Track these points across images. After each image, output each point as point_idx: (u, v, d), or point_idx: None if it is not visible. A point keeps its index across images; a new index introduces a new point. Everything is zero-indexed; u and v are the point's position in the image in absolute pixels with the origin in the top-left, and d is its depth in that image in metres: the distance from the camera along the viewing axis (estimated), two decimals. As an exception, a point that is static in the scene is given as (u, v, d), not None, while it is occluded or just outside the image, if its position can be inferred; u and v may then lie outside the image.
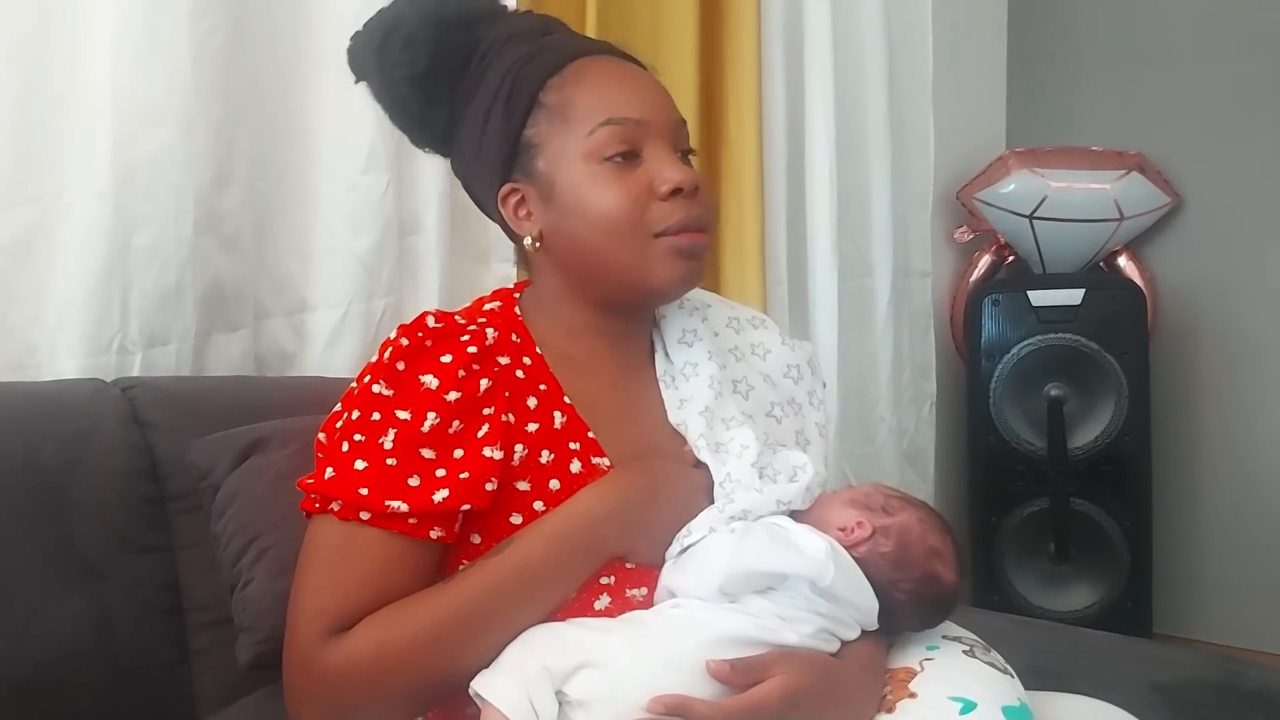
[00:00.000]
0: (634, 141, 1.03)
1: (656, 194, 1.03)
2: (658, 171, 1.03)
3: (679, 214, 1.03)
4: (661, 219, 1.03)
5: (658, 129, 1.05)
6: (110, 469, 1.22)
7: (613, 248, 1.03)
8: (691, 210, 1.03)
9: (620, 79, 1.08)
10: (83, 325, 1.44)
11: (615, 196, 1.02)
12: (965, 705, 0.95)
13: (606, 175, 1.03)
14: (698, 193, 1.04)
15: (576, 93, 1.05)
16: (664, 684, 0.88)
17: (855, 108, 2.54)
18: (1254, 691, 1.34)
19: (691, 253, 1.04)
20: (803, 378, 1.19)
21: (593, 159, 1.03)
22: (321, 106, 1.67)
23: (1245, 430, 2.97)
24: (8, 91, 1.39)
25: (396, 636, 0.91)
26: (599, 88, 1.05)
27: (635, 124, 1.03)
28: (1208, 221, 2.98)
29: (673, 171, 1.03)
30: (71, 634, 1.13)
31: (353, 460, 0.95)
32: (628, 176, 1.03)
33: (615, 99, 1.04)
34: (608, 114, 1.03)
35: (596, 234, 1.04)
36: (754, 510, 1.01)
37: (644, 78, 1.10)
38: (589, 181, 1.03)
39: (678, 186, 1.02)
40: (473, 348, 1.00)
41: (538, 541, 0.96)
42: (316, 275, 1.70)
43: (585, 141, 1.03)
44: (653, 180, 1.03)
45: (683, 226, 1.03)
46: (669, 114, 1.07)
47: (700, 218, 1.04)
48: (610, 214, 1.02)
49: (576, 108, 1.04)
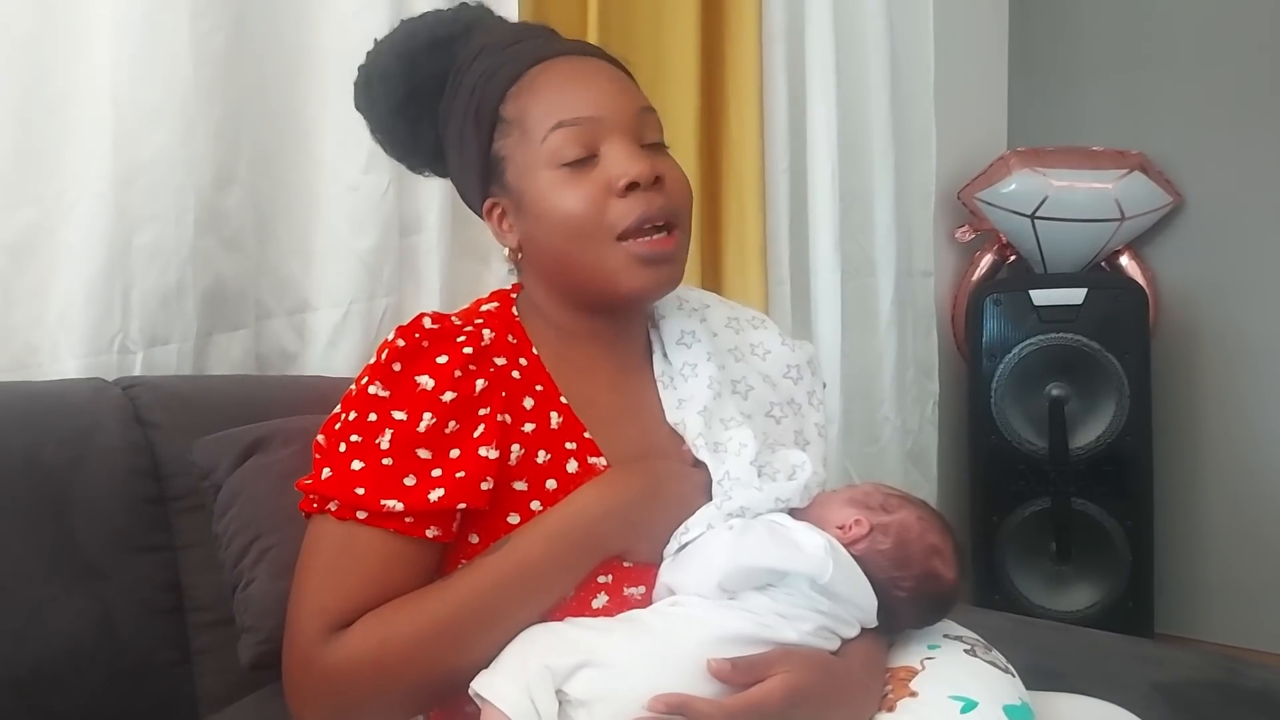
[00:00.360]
0: (589, 141, 1.01)
1: (614, 191, 1.00)
2: (613, 167, 1.01)
3: (638, 209, 1.00)
4: (621, 217, 1.00)
5: (613, 123, 1.02)
6: (112, 468, 1.22)
7: (577, 253, 1.03)
8: (653, 204, 1.01)
9: (572, 78, 1.05)
10: (84, 325, 1.44)
11: (573, 200, 1.01)
12: (966, 704, 0.95)
13: (564, 180, 1.01)
14: (660, 183, 1.02)
15: (530, 101, 1.04)
16: (665, 683, 0.88)
17: (857, 108, 2.54)
18: (1255, 691, 1.34)
19: (655, 259, 1.01)
20: (802, 378, 1.19)
21: (551, 165, 1.02)
22: (322, 106, 1.67)
23: (1247, 430, 2.97)
24: (9, 92, 1.39)
25: (396, 634, 0.92)
26: (550, 92, 1.04)
27: (587, 121, 1.01)
28: (1209, 221, 2.98)
29: (628, 164, 1.00)
30: (73, 633, 1.13)
31: (350, 460, 0.95)
32: (585, 178, 1.01)
33: (565, 100, 1.02)
34: (558, 116, 1.02)
35: (561, 240, 1.03)
36: (752, 507, 1.01)
37: (598, 73, 1.06)
38: (549, 188, 1.02)
39: (633, 180, 1.00)
40: (469, 349, 1.00)
41: (536, 540, 0.96)
42: (318, 275, 1.70)
43: (541, 149, 1.02)
44: (610, 177, 1.01)
45: (642, 221, 1.00)
46: (626, 105, 1.04)
47: (664, 209, 1.01)
48: (570, 218, 1.01)
49: (531, 116, 1.03)
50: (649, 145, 1.04)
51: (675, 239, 1.03)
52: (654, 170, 1.01)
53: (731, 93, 2.26)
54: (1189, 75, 2.99)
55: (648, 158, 1.02)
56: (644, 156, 1.02)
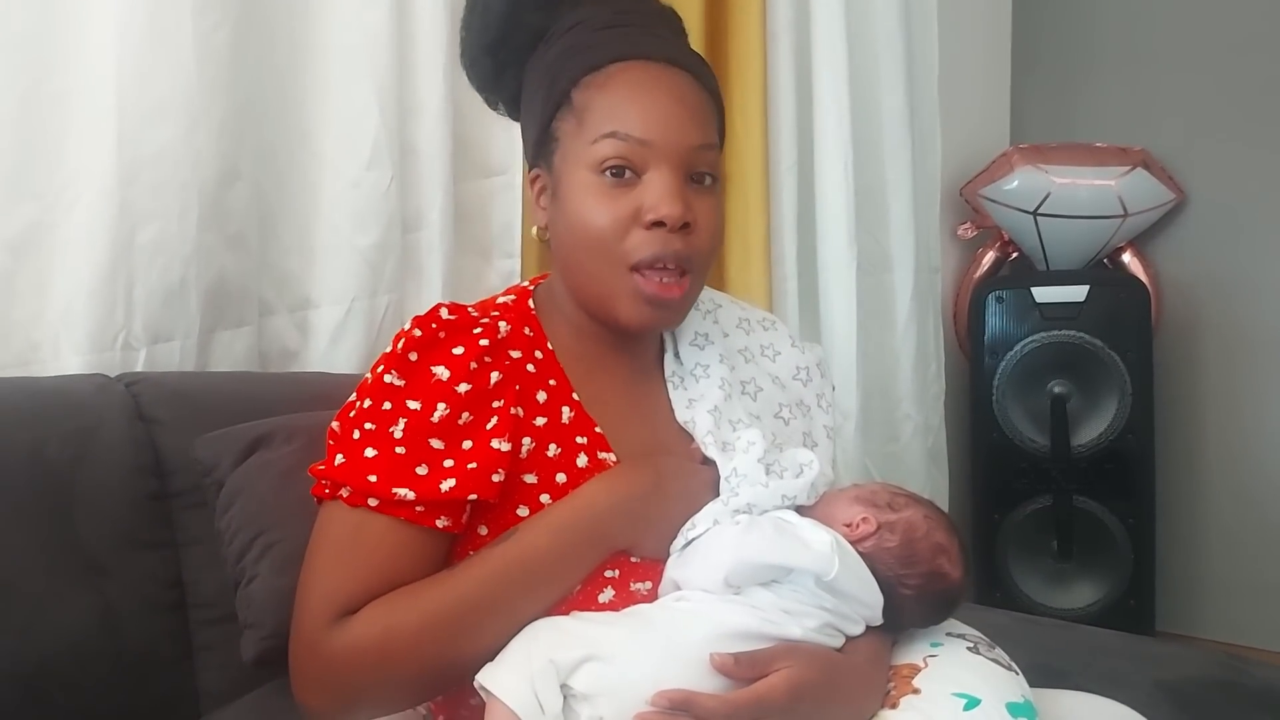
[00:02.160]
0: (635, 160, 1.00)
1: (641, 221, 0.99)
2: (649, 197, 0.99)
3: (654, 247, 0.99)
4: (637, 248, 0.99)
5: (664, 151, 1.00)
6: (114, 465, 1.22)
7: (589, 265, 1.02)
8: (670, 246, 0.99)
9: (643, 91, 1.02)
10: (87, 321, 1.44)
11: (600, 213, 1.00)
12: (969, 701, 0.95)
13: (600, 189, 1.00)
14: (688, 229, 1.00)
15: (597, 96, 1.02)
16: (668, 677, 0.88)
17: (866, 103, 2.53)
18: (1257, 689, 1.34)
19: (658, 303, 1.01)
20: (812, 380, 1.19)
21: (593, 168, 1.00)
22: (325, 103, 1.67)
23: (1249, 428, 2.97)
24: (12, 88, 1.39)
25: (401, 622, 0.92)
26: (618, 96, 1.01)
27: (638, 142, 0.99)
28: (1212, 218, 2.97)
29: (662, 202, 0.98)
30: (76, 630, 1.13)
31: (363, 448, 0.95)
32: (620, 196, 1.00)
33: (628, 112, 1.00)
34: (614, 126, 1.00)
35: (579, 246, 1.03)
36: (759, 504, 1.01)
37: (672, 92, 1.02)
38: (583, 190, 1.01)
39: (660, 220, 0.98)
40: (485, 340, 1.00)
41: (543, 532, 0.96)
42: (320, 272, 1.70)
43: (590, 149, 1.01)
44: (642, 205, 0.99)
45: (655, 260, 0.99)
46: (683, 137, 1.01)
47: (680, 255, 0.99)
48: (591, 230, 1.00)
49: (592, 112, 1.01)
50: (697, 180, 1.02)
51: (685, 286, 1.01)
52: (684, 216, 0.99)
53: (735, 89, 2.25)
54: (1192, 72, 2.99)
55: (684, 198, 1.00)
56: (680, 197, 0.99)
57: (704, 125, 1.04)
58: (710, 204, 1.03)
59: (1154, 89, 3.04)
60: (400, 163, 1.71)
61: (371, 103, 1.67)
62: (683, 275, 1.01)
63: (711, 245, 1.04)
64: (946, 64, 2.73)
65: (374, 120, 1.67)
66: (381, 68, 1.67)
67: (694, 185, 1.02)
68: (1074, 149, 2.95)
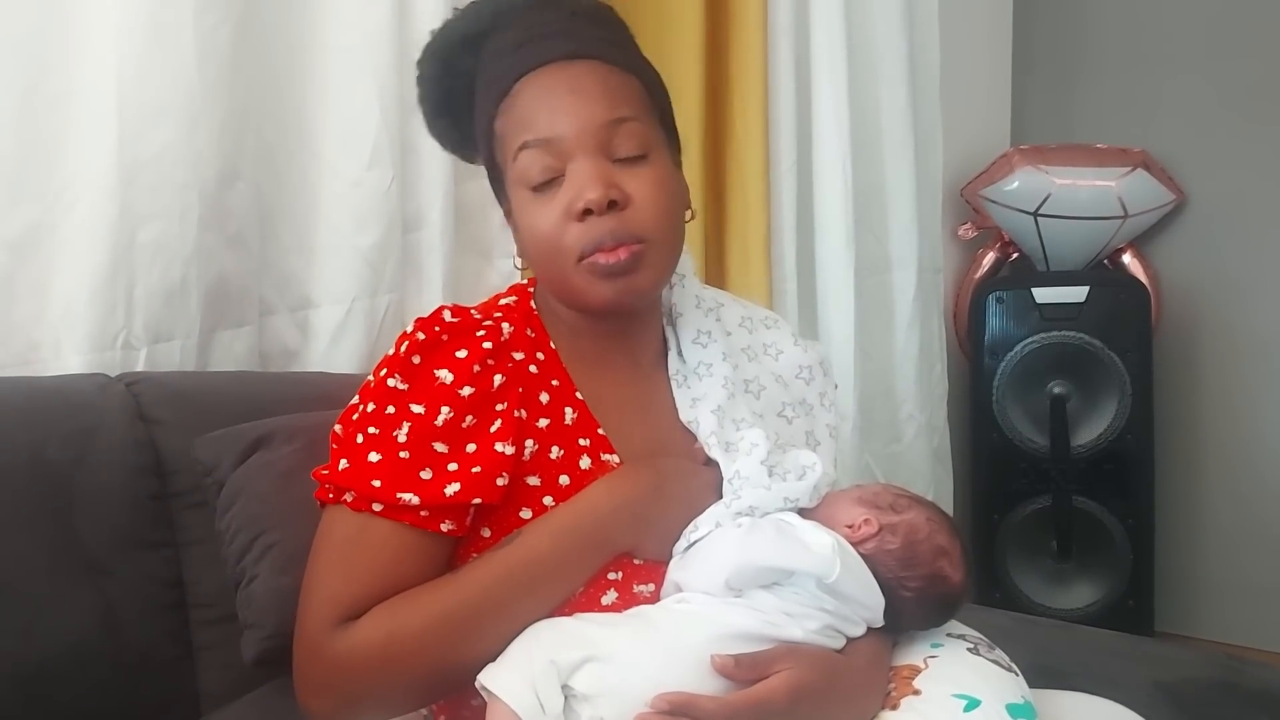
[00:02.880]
0: (552, 161, 0.99)
1: (572, 215, 0.98)
2: (571, 190, 0.99)
3: (593, 235, 0.98)
4: (576, 241, 0.98)
5: (572, 142, 0.99)
6: (115, 465, 1.22)
7: (548, 271, 1.03)
8: (604, 227, 0.98)
9: (543, 94, 1.01)
10: (87, 321, 1.44)
11: (538, 222, 1.00)
12: (970, 702, 0.95)
13: (532, 200, 1.01)
14: (617, 206, 0.98)
15: (508, 120, 1.03)
16: (669, 678, 0.88)
17: (866, 103, 2.52)
18: (1257, 690, 1.34)
19: (612, 271, 0.99)
20: (814, 379, 1.19)
21: (523, 185, 1.01)
22: (325, 103, 1.67)
23: (1249, 428, 2.97)
24: (12, 88, 1.39)
25: (405, 626, 0.92)
26: (521, 110, 1.02)
27: (545, 143, 0.99)
28: (1212, 219, 2.97)
29: (583, 190, 0.97)
30: (76, 630, 1.13)
31: (366, 452, 0.96)
32: (550, 199, 1.00)
33: (532, 119, 1.00)
34: (523, 137, 1.00)
35: (536, 259, 1.04)
36: (761, 506, 1.01)
37: (572, 85, 1.01)
38: (524, 208, 1.02)
39: (586, 207, 0.97)
40: (488, 343, 1.00)
41: (545, 535, 0.96)
42: (320, 272, 1.70)
43: (514, 168, 1.02)
44: (569, 200, 0.99)
45: (595, 246, 0.98)
46: (586, 121, 0.99)
47: (614, 233, 0.98)
48: (538, 239, 1.01)
49: (508, 135, 1.02)
50: (625, 158, 1.00)
51: (631, 249, 0.99)
52: (606, 195, 0.97)
53: (736, 89, 2.25)
54: (1192, 73, 2.99)
55: (604, 179, 0.98)
56: (598, 179, 0.98)
57: (612, 101, 1.01)
58: (645, 176, 1.01)
59: (1154, 90, 3.04)
60: (401, 162, 1.71)
61: (372, 102, 1.67)
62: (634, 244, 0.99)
63: (657, 216, 1.01)
64: (947, 65, 2.72)
65: (374, 120, 1.67)
66: (382, 67, 1.67)
67: (622, 164, 1.00)
68: (1074, 150, 2.96)
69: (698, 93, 2.13)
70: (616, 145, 1.00)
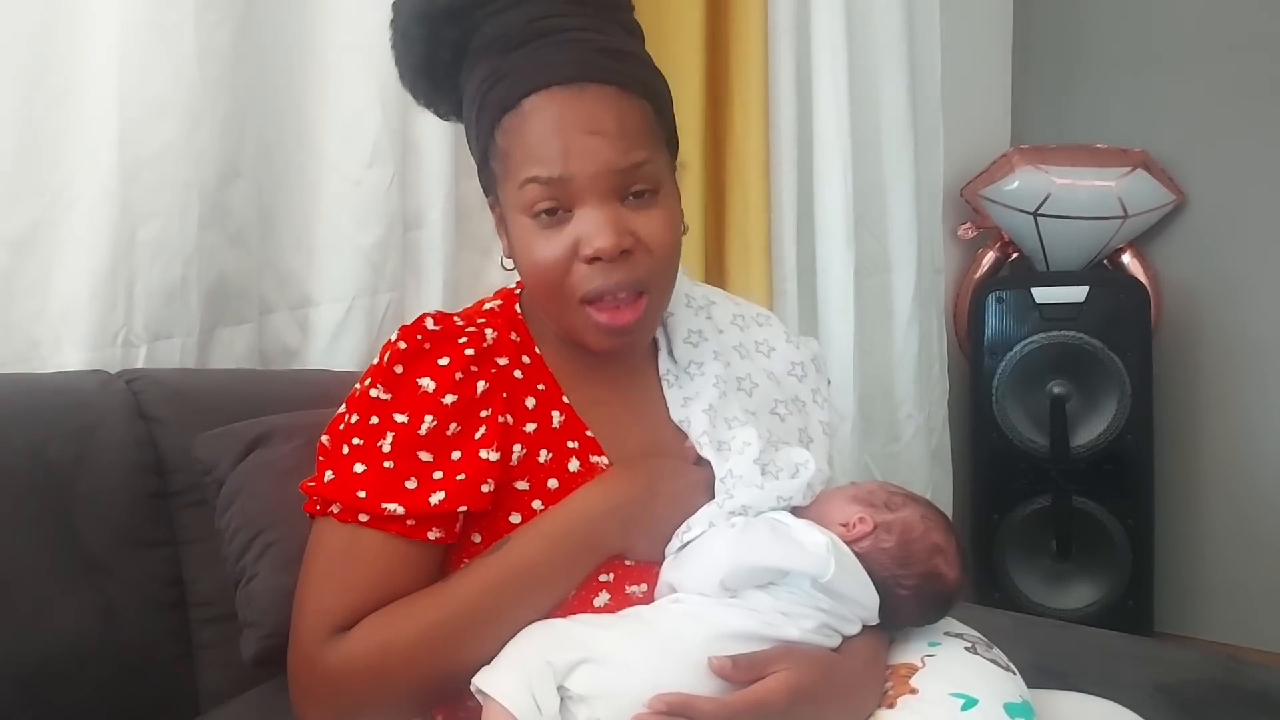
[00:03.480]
0: (562, 197, 0.96)
1: (580, 257, 0.96)
2: (581, 232, 0.96)
3: (597, 281, 0.96)
4: (582, 282, 0.97)
5: (587, 185, 0.95)
6: (115, 463, 1.22)
7: (544, 301, 1.02)
8: (612, 277, 0.96)
9: (555, 127, 0.96)
10: (87, 319, 1.44)
11: (540, 255, 0.97)
12: (967, 701, 0.95)
13: (535, 230, 0.98)
14: (628, 255, 0.96)
15: (515, 142, 0.98)
16: (666, 679, 0.88)
17: (868, 103, 2.52)
18: (1255, 691, 1.34)
19: (617, 331, 0.99)
20: (807, 375, 1.19)
21: (525, 212, 0.98)
22: (326, 101, 1.67)
23: (1248, 429, 2.97)
24: (14, 86, 1.39)
25: (398, 635, 0.92)
26: (532, 138, 0.96)
27: (559, 182, 0.95)
28: (1212, 219, 2.97)
29: (595, 236, 0.95)
30: (76, 628, 1.13)
31: (351, 463, 0.96)
32: (555, 234, 0.97)
33: (544, 153, 0.96)
34: (534, 170, 0.96)
35: (532, 284, 1.03)
36: (754, 506, 1.01)
37: (589, 122, 0.96)
38: (523, 233, 0.99)
39: (595, 255, 0.96)
40: (470, 350, 1.00)
41: (536, 539, 0.96)
42: (321, 270, 1.70)
43: (518, 194, 0.98)
44: (578, 239, 0.96)
45: (601, 295, 0.97)
46: (604, 165, 0.95)
47: (623, 283, 0.97)
48: (538, 271, 0.99)
49: (513, 159, 0.98)
50: (635, 196, 0.98)
51: (640, 306, 0.99)
52: (619, 245, 0.95)
53: (736, 89, 2.25)
54: (1192, 73, 2.98)
55: (617, 226, 0.96)
56: (613, 227, 0.95)
57: (629, 143, 0.97)
58: (653, 216, 0.99)
59: (1154, 90, 3.04)
60: (401, 161, 1.71)
61: (373, 101, 1.67)
62: (637, 297, 0.99)
63: (662, 259, 0.99)
64: (947, 65, 2.72)
65: (375, 118, 1.67)
66: (383, 66, 1.65)
67: (632, 202, 0.98)
68: (1074, 150, 2.95)
69: (698, 91, 2.13)
70: (628, 187, 0.98)
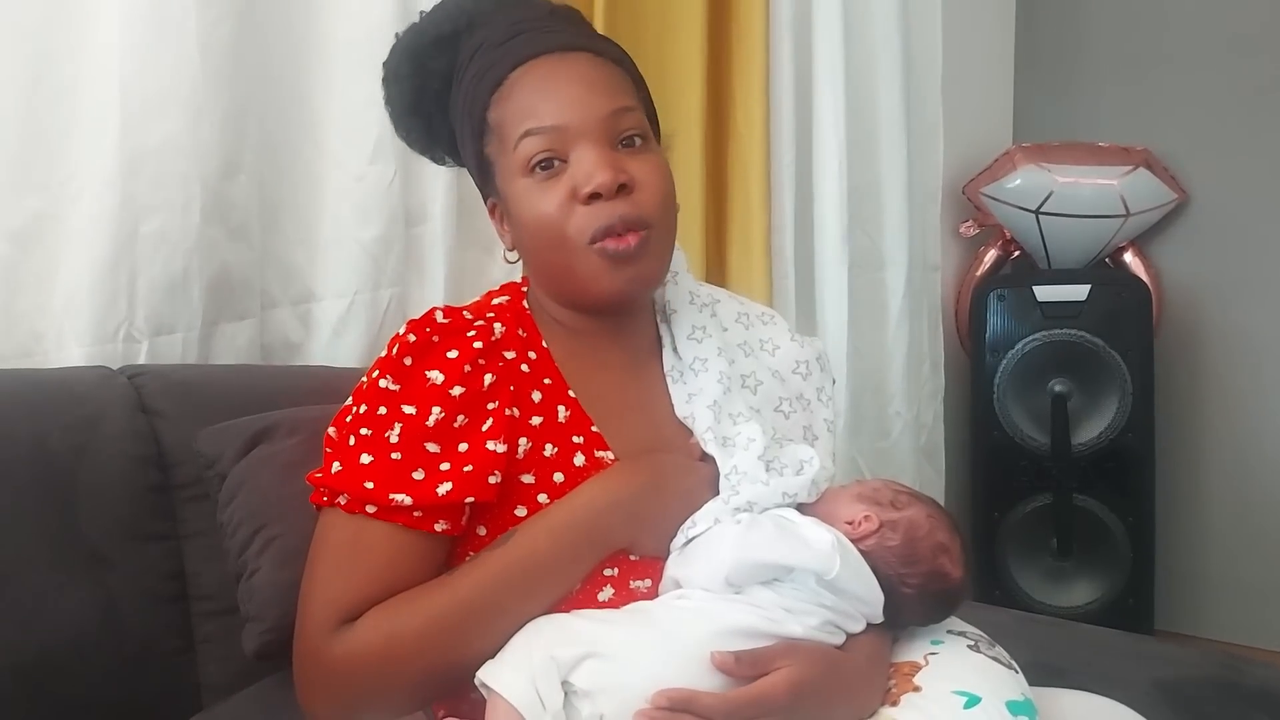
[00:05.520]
0: (557, 147, 1.00)
1: (578, 199, 0.99)
2: (577, 175, 1.00)
3: (601, 218, 0.99)
4: (585, 225, 0.99)
5: (580, 129, 1.00)
6: (116, 457, 1.22)
7: (551, 259, 1.03)
8: (615, 211, 0.99)
9: (544, 83, 1.03)
10: (89, 313, 1.44)
11: (542, 206, 1.01)
12: (969, 699, 0.95)
13: (534, 187, 1.01)
14: (626, 190, 1.00)
15: (506, 108, 1.03)
16: (669, 675, 0.88)
17: (865, 101, 2.53)
18: (1256, 689, 1.34)
19: (623, 257, 1.00)
20: (811, 374, 1.19)
21: (524, 172, 1.02)
22: (329, 96, 1.67)
23: (1249, 427, 2.97)
24: (16, 80, 1.39)
25: (403, 627, 0.92)
26: (522, 98, 1.02)
27: (552, 130, 1.00)
28: (1214, 218, 2.97)
29: (591, 173, 0.99)
30: (77, 621, 1.13)
31: (359, 454, 0.96)
32: (554, 185, 1.00)
33: (534, 108, 1.01)
34: (526, 125, 1.01)
35: (538, 245, 1.04)
36: (759, 502, 1.01)
37: (572, 74, 1.03)
38: (523, 195, 1.02)
39: (595, 191, 0.98)
40: (479, 343, 1.01)
41: (541, 533, 0.96)
42: (323, 265, 1.70)
43: (514, 156, 1.02)
44: (575, 184, 1.00)
45: (607, 230, 0.99)
46: (594, 109, 1.01)
47: (626, 217, 0.99)
48: (540, 224, 1.01)
49: (506, 124, 1.03)
50: (626, 145, 1.02)
51: (640, 235, 1.00)
52: (615, 179, 0.99)
53: (738, 85, 2.25)
54: (1195, 72, 2.98)
55: (613, 164, 1.00)
56: (608, 164, 0.99)
57: (613, 92, 1.04)
58: (646, 161, 1.03)
59: (1157, 89, 3.04)
60: (404, 157, 1.71)
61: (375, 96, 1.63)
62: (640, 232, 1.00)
63: (659, 201, 1.03)
64: (950, 62, 2.72)
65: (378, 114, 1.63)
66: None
67: (624, 149, 1.02)
68: (1076, 148, 2.95)
69: (699, 88, 2.13)
70: (619, 132, 1.02)
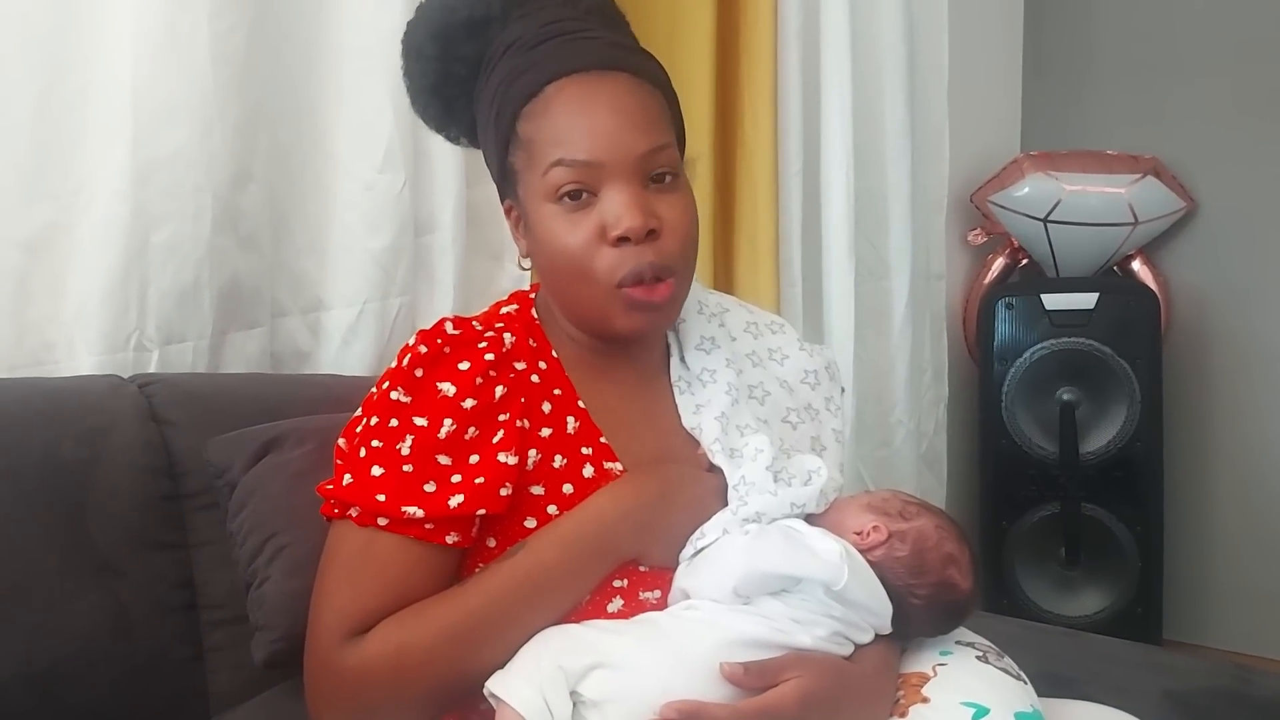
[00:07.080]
0: (588, 180, 0.98)
1: (607, 239, 0.98)
2: (608, 215, 0.98)
3: (629, 264, 0.98)
4: (612, 268, 0.98)
5: (613, 168, 0.98)
6: (127, 466, 1.22)
7: (573, 288, 1.02)
8: (643, 258, 0.98)
9: (582, 110, 0.99)
10: (100, 322, 1.44)
11: (567, 240, 0.99)
12: (978, 711, 0.95)
13: (561, 215, 0.99)
14: (654, 235, 0.98)
15: (540, 126, 1.00)
16: (678, 685, 0.88)
17: (872, 110, 2.53)
18: (1266, 700, 1.34)
19: (648, 307, 1.00)
20: (820, 383, 1.19)
21: (550, 198, 0.99)
22: (339, 105, 1.68)
23: (1257, 436, 2.96)
24: (28, 89, 1.39)
25: (414, 639, 0.92)
26: (558, 122, 0.99)
27: (585, 165, 0.98)
28: (1222, 226, 2.97)
29: (623, 217, 0.97)
30: (87, 630, 1.13)
31: (370, 466, 0.96)
32: (581, 218, 0.99)
33: (570, 136, 0.98)
34: (560, 153, 0.98)
35: (559, 273, 1.03)
36: (767, 513, 1.01)
37: (611, 105, 1.00)
38: (548, 221, 1.00)
39: (624, 235, 0.97)
40: (490, 354, 1.01)
41: (551, 545, 0.96)
42: (332, 274, 1.70)
43: (543, 180, 0.99)
44: (605, 222, 0.98)
45: (634, 279, 0.98)
46: (630, 149, 0.98)
47: (654, 266, 0.98)
48: (564, 256, 1.00)
49: (537, 144, 1.00)
50: (657, 180, 1.00)
51: (670, 287, 1.00)
52: (646, 225, 0.97)
53: (746, 94, 2.26)
54: (1203, 80, 2.98)
55: (643, 207, 0.98)
56: (640, 208, 0.98)
57: (651, 128, 1.01)
58: (675, 200, 1.01)
59: (1165, 97, 3.04)
60: (413, 166, 1.71)
61: (385, 105, 1.67)
62: (665, 280, 1.00)
63: (685, 244, 1.02)
64: (958, 71, 2.73)
65: (388, 123, 1.67)
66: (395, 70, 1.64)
67: (654, 186, 1.00)
68: (1085, 156, 2.95)
69: (708, 97, 2.13)
70: (651, 169, 1.00)
